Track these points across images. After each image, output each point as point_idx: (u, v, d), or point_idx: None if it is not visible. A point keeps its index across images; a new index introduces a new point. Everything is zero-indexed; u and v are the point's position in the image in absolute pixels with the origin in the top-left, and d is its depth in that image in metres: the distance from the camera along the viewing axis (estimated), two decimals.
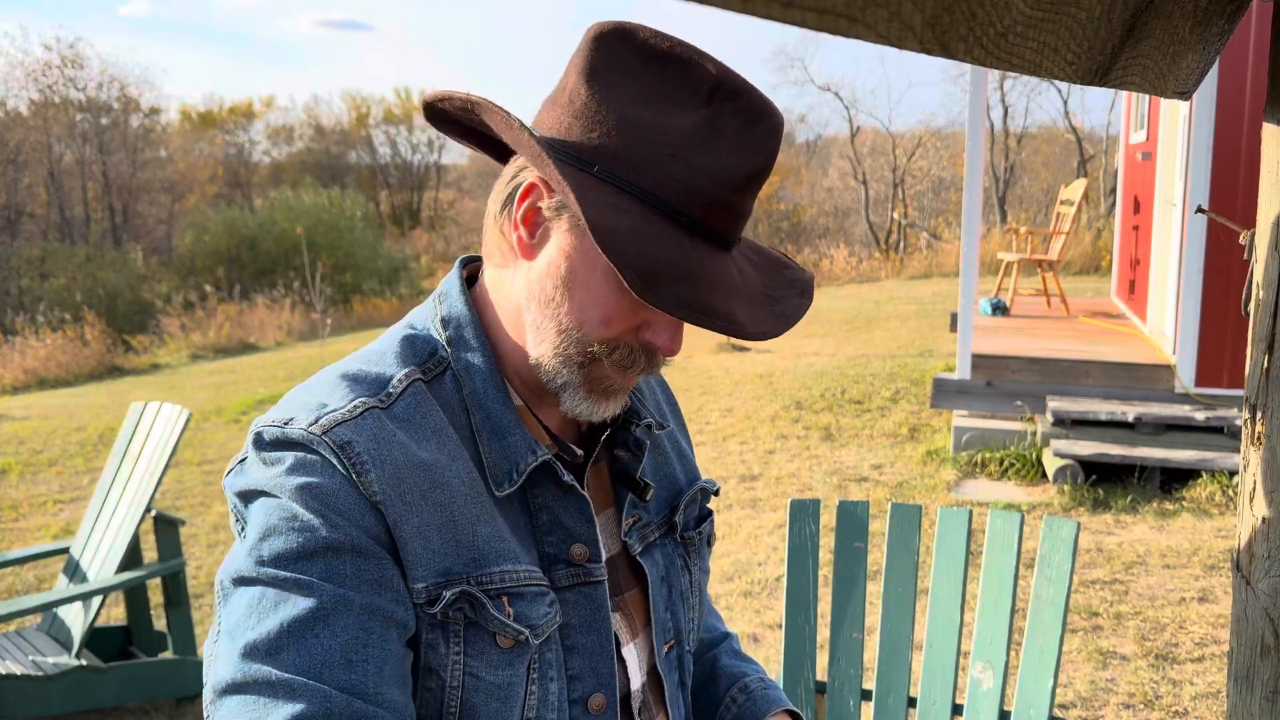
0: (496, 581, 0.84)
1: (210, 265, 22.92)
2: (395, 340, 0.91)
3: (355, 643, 0.77)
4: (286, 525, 0.79)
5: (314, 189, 26.90)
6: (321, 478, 0.79)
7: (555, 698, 0.89)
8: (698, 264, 0.80)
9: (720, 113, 0.81)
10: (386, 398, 0.85)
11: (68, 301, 18.05)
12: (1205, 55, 0.93)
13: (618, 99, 0.81)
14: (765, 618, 3.77)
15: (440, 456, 0.84)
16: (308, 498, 0.79)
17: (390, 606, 0.80)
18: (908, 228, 24.49)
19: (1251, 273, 1.00)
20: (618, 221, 0.77)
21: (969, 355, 5.83)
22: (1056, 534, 1.88)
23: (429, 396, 0.87)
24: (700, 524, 1.07)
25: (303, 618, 0.76)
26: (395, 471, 0.81)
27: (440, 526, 0.83)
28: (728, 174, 0.81)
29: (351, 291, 20.62)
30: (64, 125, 26.88)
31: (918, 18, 0.48)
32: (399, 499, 0.81)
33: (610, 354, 0.86)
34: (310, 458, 0.80)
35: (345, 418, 0.82)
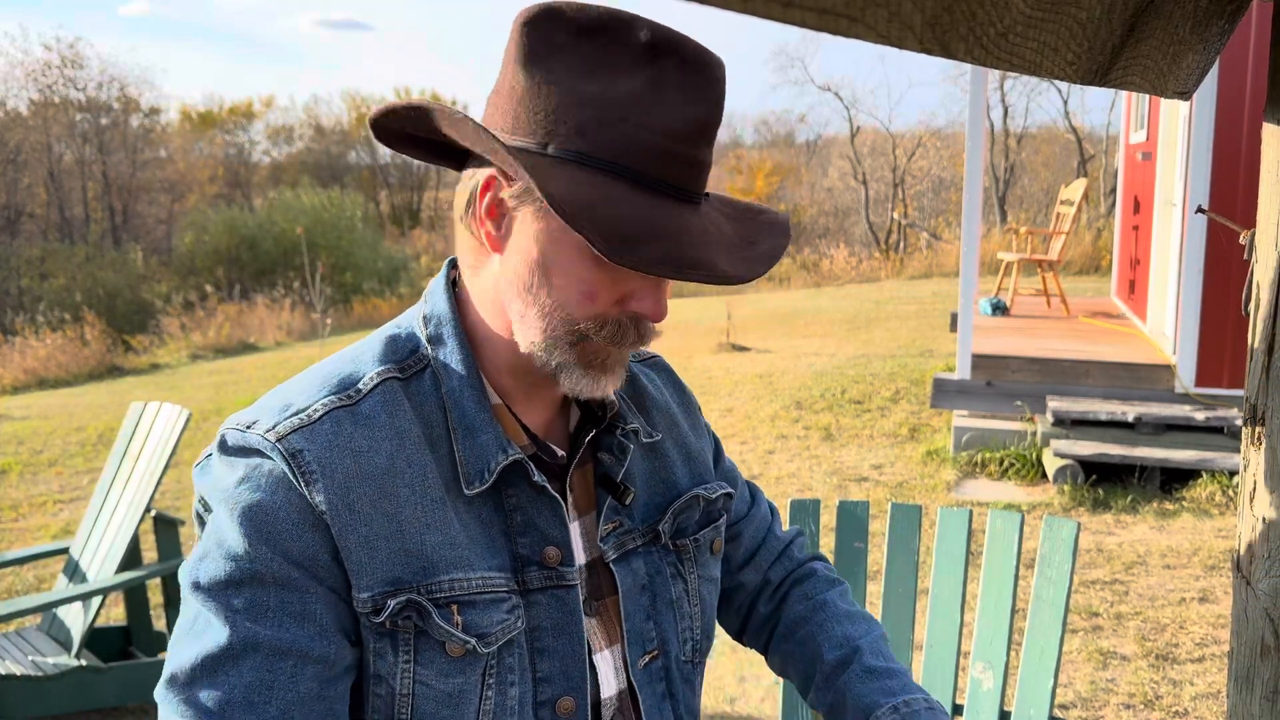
0: (445, 590, 0.84)
1: (210, 265, 22.91)
2: (379, 339, 0.92)
3: (260, 684, 0.79)
4: (220, 552, 0.81)
5: (313, 189, 26.90)
6: (266, 494, 0.81)
7: (516, 702, 0.88)
8: (667, 220, 0.80)
9: (662, 69, 0.81)
10: (354, 394, 0.86)
11: (67, 301, 18.05)
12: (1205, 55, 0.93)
13: (558, 77, 0.81)
14: None
15: (397, 461, 0.85)
16: (247, 522, 0.80)
17: (308, 644, 0.81)
18: (908, 228, 24.50)
19: (1252, 273, 1.00)
20: (579, 194, 0.77)
21: (969, 355, 5.83)
22: (1057, 534, 1.88)
23: (401, 395, 0.88)
24: (700, 530, 1.04)
25: (216, 654, 0.79)
26: (344, 482, 0.82)
27: (388, 536, 0.83)
28: (680, 127, 0.81)
29: (351, 291, 20.61)
30: (64, 125, 26.88)
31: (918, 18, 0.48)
32: (345, 510, 0.82)
33: (599, 330, 0.86)
34: (262, 467, 0.82)
35: (303, 423, 0.83)
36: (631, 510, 0.99)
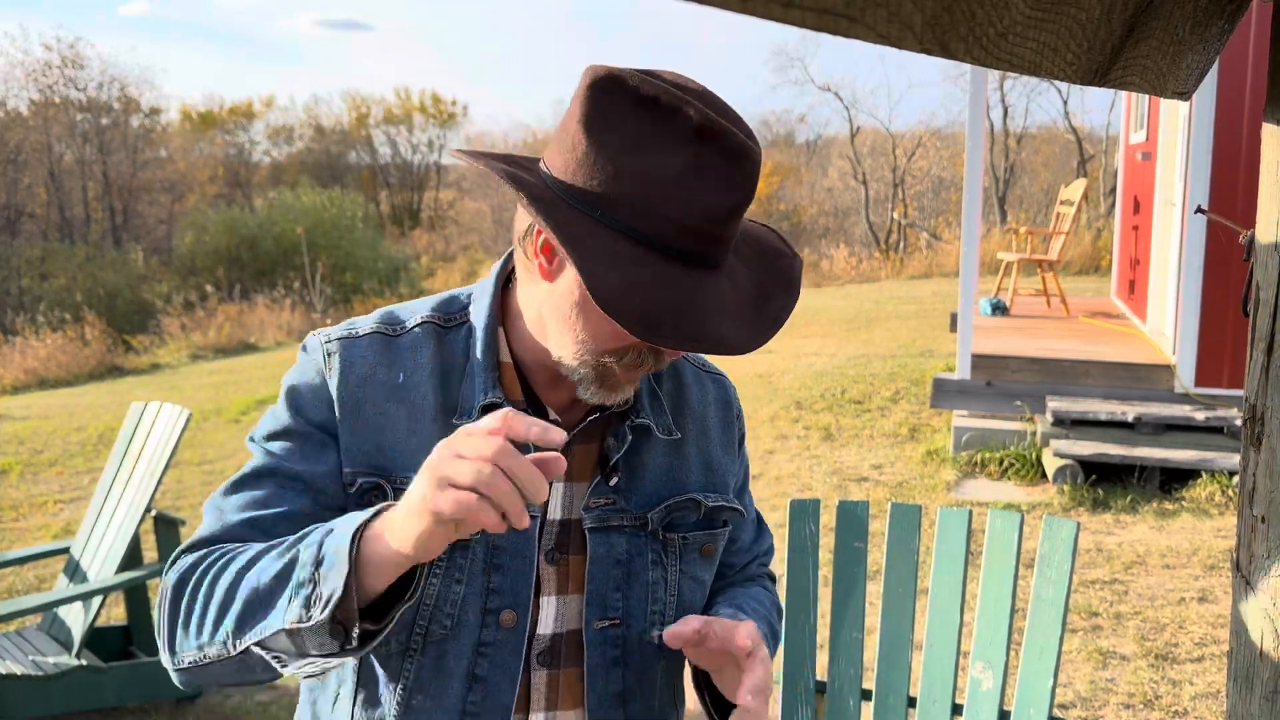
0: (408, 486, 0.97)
1: (210, 265, 22.91)
2: (445, 295, 1.14)
3: (271, 496, 1.04)
4: (270, 414, 1.09)
5: (314, 189, 26.90)
6: (301, 377, 1.07)
7: (459, 597, 1.03)
8: (691, 294, 0.92)
9: (704, 153, 0.90)
10: (397, 330, 1.09)
11: (68, 301, 18.05)
12: (1205, 55, 0.93)
13: (613, 147, 0.92)
14: None
15: (408, 382, 1.06)
16: (287, 393, 1.08)
17: (311, 476, 1.04)
18: (908, 228, 24.49)
19: (1251, 273, 1.00)
20: (613, 277, 0.89)
21: (969, 355, 5.83)
22: (1056, 534, 1.88)
23: (434, 338, 1.09)
24: (693, 530, 1.13)
25: (247, 474, 1.06)
26: (358, 383, 1.05)
27: (378, 431, 1.04)
28: (715, 209, 0.91)
29: (352, 291, 20.60)
30: (64, 125, 26.88)
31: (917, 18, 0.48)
32: (352, 403, 1.05)
33: (620, 359, 1.00)
34: (309, 360, 1.08)
35: (350, 335, 1.08)
36: (627, 495, 1.10)
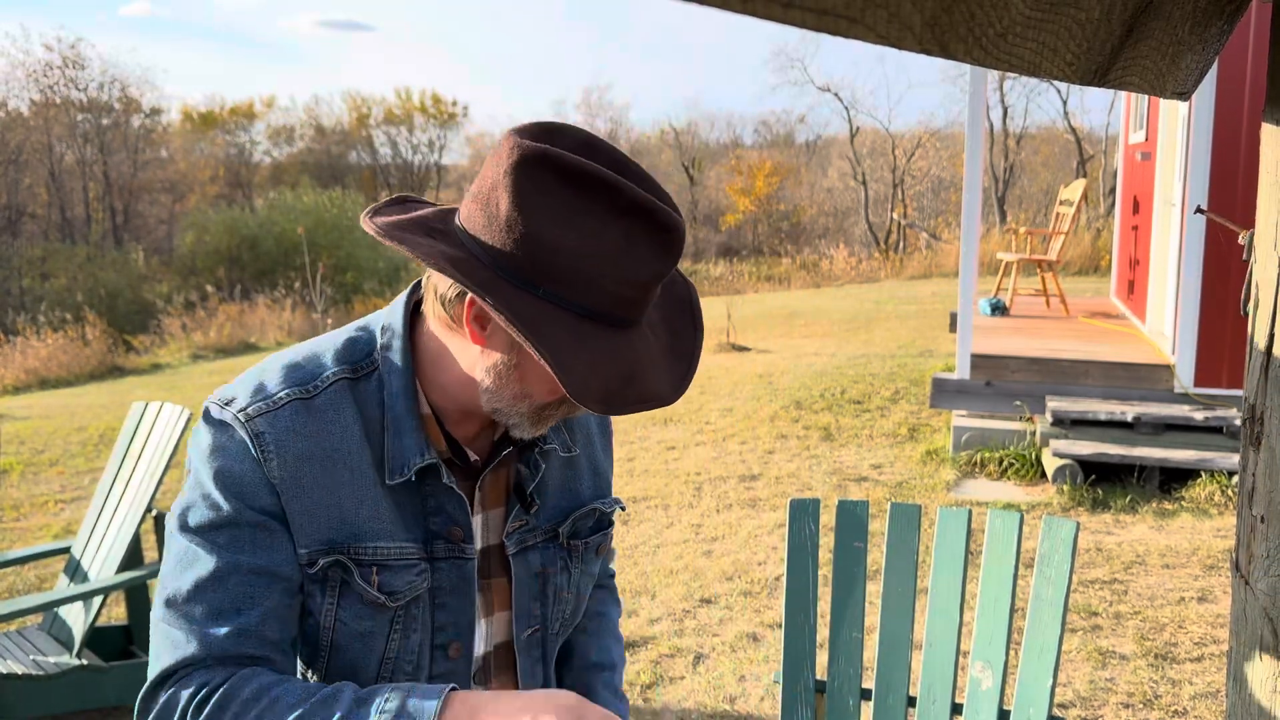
0: (369, 555, 1.06)
1: (211, 265, 22.91)
2: (344, 336, 1.10)
3: (244, 596, 1.01)
4: (204, 503, 1.03)
5: (314, 189, 26.90)
6: (234, 462, 1.02)
7: (415, 645, 1.10)
8: (632, 361, 0.98)
9: (633, 229, 0.94)
10: (311, 389, 1.05)
11: (69, 301, 18.05)
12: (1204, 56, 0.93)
13: (546, 223, 0.94)
14: (765, 617, 3.77)
15: (339, 447, 1.05)
16: (222, 482, 1.02)
17: (277, 566, 1.03)
18: (907, 228, 24.49)
19: (1251, 272, 1.00)
20: (576, 364, 0.93)
21: (968, 355, 5.83)
22: (1056, 534, 1.88)
23: (349, 393, 1.07)
24: (591, 534, 1.23)
25: (206, 577, 1.01)
26: (295, 461, 1.03)
27: (327, 506, 1.04)
28: (646, 279, 0.97)
29: (352, 291, 20.60)
30: (65, 125, 26.88)
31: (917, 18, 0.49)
32: (294, 483, 1.03)
33: (558, 407, 1.05)
34: (234, 439, 1.02)
35: (269, 408, 1.03)
36: (538, 514, 1.18)
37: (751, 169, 30.77)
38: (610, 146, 0.99)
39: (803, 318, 11.36)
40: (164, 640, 1.01)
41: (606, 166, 0.96)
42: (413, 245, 0.97)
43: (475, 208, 0.98)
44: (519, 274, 0.95)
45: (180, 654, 1.00)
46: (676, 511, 4.98)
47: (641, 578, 4.17)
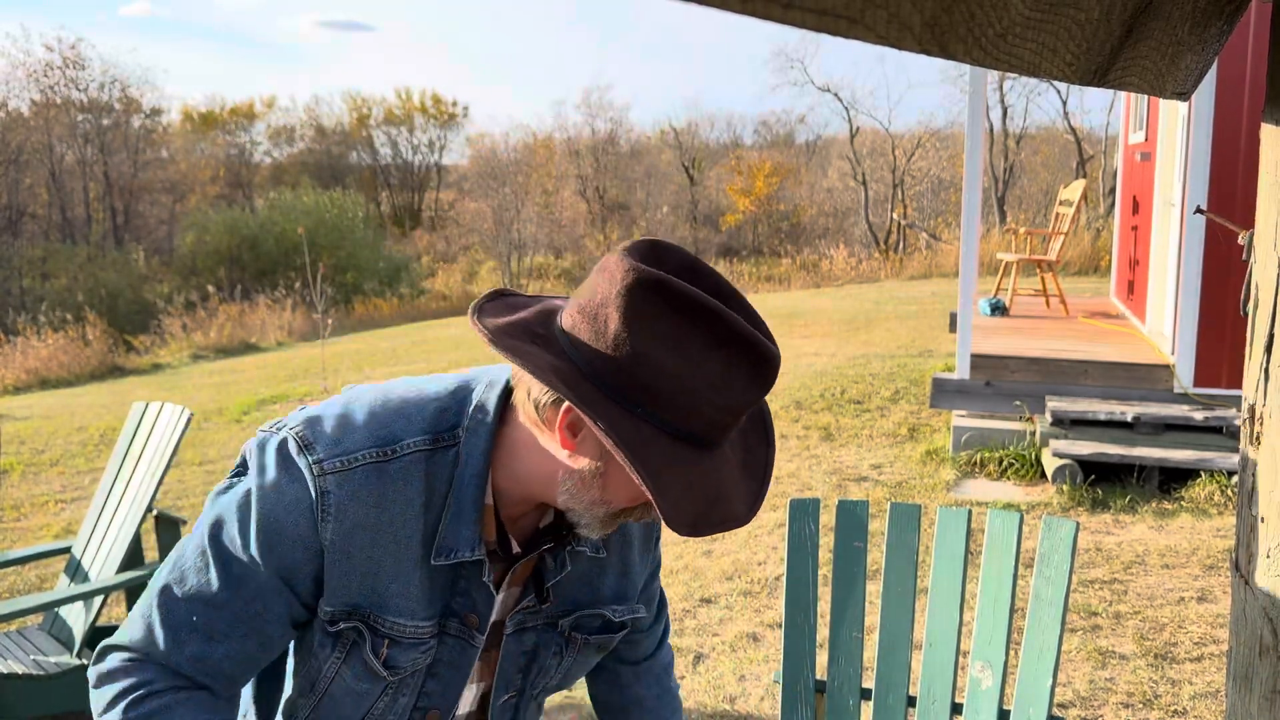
0: (386, 628, 1.10)
1: (211, 265, 22.92)
2: (434, 404, 1.11)
3: (225, 629, 1.06)
4: (239, 528, 1.06)
5: (314, 189, 26.90)
6: (286, 513, 1.05)
7: (401, 707, 1.17)
8: (719, 482, 1.02)
9: (733, 358, 0.99)
10: (388, 454, 1.07)
11: (69, 301, 18.06)
12: (1204, 56, 0.93)
13: (652, 345, 0.98)
14: (765, 617, 3.77)
15: (395, 520, 1.07)
16: (264, 525, 1.05)
17: (266, 624, 1.08)
18: (907, 228, 24.49)
19: (1250, 273, 1.00)
20: (673, 489, 0.97)
21: (968, 355, 5.83)
22: (1056, 534, 1.88)
23: (422, 466, 1.08)
24: (596, 634, 1.26)
25: (206, 595, 1.06)
26: (350, 528, 1.06)
27: (363, 574, 1.08)
28: (738, 406, 1.01)
29: (353, 292, 20.62)
30: (65, 126, 26.88)
31: (916, 19, 0.49)
32: (341, 548, 1.06)
33: (633, 514, 1.09)
34: (297, 490, 1.05)
35: (344, 467, 1.06)
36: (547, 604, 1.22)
37: (751, 169, 30.76)
38: (710, 270, 1.03)
39: (802, 318, 11.36)
40: (143, 617, 1.08)
41: (709, 291, 1.01)
42: (523, 356, 1.00)
43: (581, 319, 1.01)
44: (620, 391, 0.99)
45: (146, 641, 1.07)
46: None
47: None
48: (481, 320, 1.04)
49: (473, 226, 29.93)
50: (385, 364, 10.07)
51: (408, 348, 11.34)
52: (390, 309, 18.50)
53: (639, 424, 0.98)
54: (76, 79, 27.14)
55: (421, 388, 1.13)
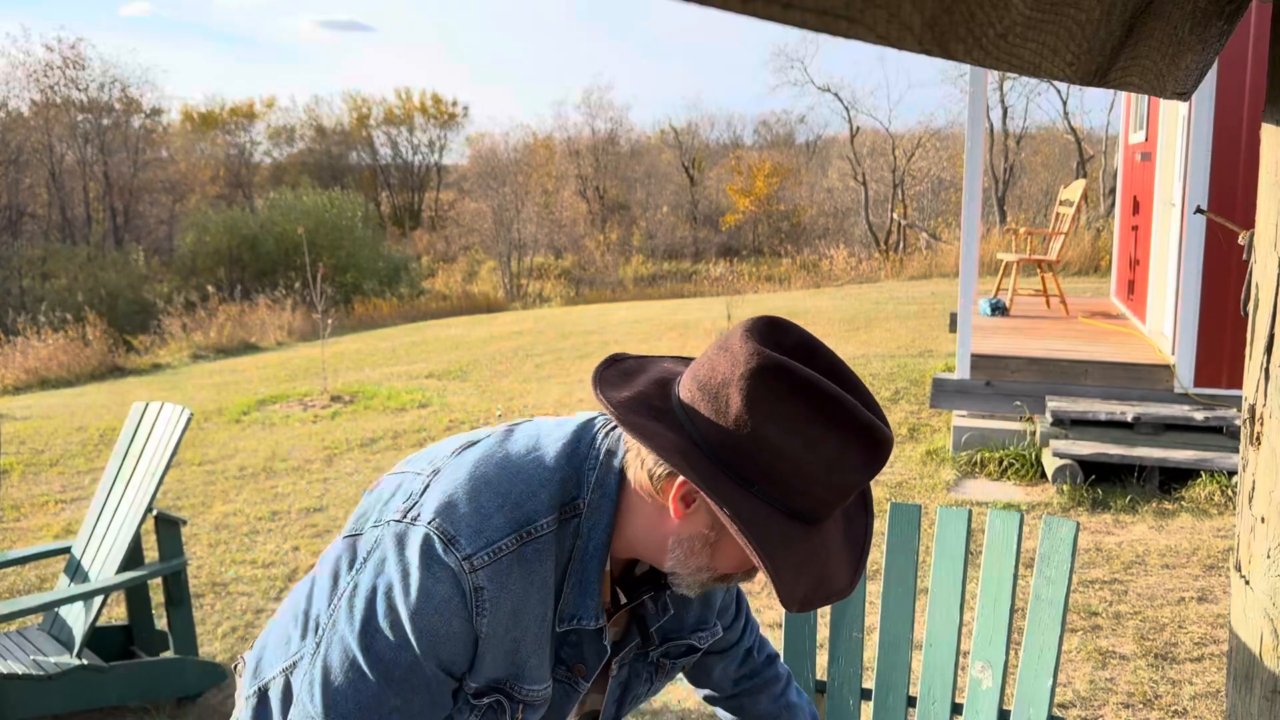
0: (522, 695, 1.16)
1: (211, 265, 22.92)
2: (558, 473, 1.14)
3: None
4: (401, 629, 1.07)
5: (314, 189, 26.89)
6: (444, 618, 1.07)
7: None
8: (826, 560, 1.07)
9: (849, 444, 1.03)
10: (525, 536, 1.10)
11: (69, 301, 18.06)
12: (1204, 56, 0.93)
13: (772, 428, 1.02)
14: (765, 617, 3.77)
15: (533, 597, 1.11)
16: (428, 624, 1.07)
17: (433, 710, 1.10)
18: (907, 228, 24.48)
19: (1251, 273, 1.00)
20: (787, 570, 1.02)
21: (968, 355, 5.83)
22: (1056, 534, 1.88)
23: (554, 543, 1.12)
24: (681, 657, 1.34)
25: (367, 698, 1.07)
26: (501, 617, 1.09)
27: (507, 652, 1.12)
28: (850, 487, 1.06)
29: (352, 292, 20.62)
30: (65, 126, 26.87)
31: (916, 19, 0.49)
32: (494, 636, 1.10)
33: (733, 577, 1.15)
34: (451, 589, 1.06)
35: (491, 559, 1.07)
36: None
37: (751, 169, 30.76)
38: (826, 348, 1.08)
39: (802, 318, 11.36)
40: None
41: (824, 372, 1.06)
42: (649, 437, 1.04)
43: (701, 396, 1.06)
44: (738, 470, 1.03)
45: None
46: None
47: None
48: (605, 394, 1.09)
49: (473, 226, 29.93)
50: (385, 364, 10.07)
51: (408, 348, 11.34)
52: (390, 309, 18.50)
53: (755, 502, 1.03)
54: (77, 79, 27.14)
55: (539, 454, 1.15)
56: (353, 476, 5.74)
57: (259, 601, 4.04)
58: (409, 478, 1.19)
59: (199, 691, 3.26)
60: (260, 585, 4.19)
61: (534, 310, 17.03)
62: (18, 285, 21.91)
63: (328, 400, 7.85)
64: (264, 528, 4.92)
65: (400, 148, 37.67)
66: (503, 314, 16.21)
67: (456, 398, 7.78)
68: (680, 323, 11.32)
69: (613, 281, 25.25)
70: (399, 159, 37.69)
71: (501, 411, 7.14)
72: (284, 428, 7.09)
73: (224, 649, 3.63)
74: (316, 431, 6.87)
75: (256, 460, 6.19)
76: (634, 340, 10.22)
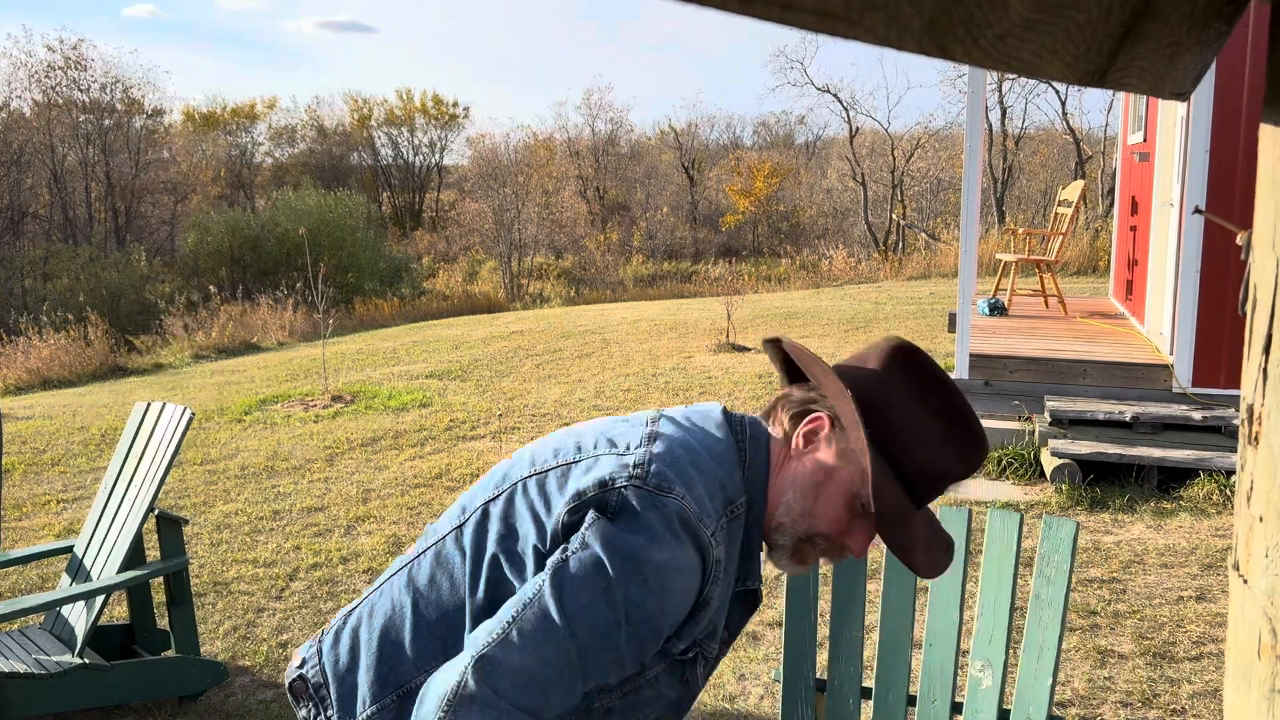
0: (709, 652, 1.31)
1: (213, 266, 22.92)
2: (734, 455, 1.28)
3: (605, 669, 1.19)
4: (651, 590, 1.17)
5: (316, 190, 26.90)
6: (695, 582, 1.20)
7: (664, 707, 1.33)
8: (923, 530, 1.24)
9: (954, 431, 1.22)
10: (732, 514, 1.25)
11: (71, 302, 18.05)
12: (1202, 57, 0.94)
13: (895, 386, 1.23)
14: (766, 615, 3.77)
15: (731, 566, 1.27)
16: (681, 591, 1.19)
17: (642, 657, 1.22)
18: (906, 228, 24.49)
19: (1249, 273, 1.00)
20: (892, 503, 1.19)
21: (967, 355, 5.83)
22: (1056, 533, 1.88)
23: (744, 518, 1.27)
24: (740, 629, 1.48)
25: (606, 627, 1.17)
26: (722, 584, 1.25)
27: (713, 613, 1.27)
28: (950, 473, 1.23)
29: (354, 292, 20.61)
30: (67, 126, 26.87)
31: (915, 20, 0.49)
32: (715, 599, 1.25)
33: (822, 541, 1.27)
34: (697, 561, 1.19)
35: (719, 529, 1.22)
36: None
37: (751, 169, 30.76)
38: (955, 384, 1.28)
39: (802, 318, 11.36)
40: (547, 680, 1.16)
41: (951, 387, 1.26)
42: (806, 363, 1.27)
43: (845, 364, 1.27)
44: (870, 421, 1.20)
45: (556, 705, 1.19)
46: None
47: None
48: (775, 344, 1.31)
49: (473, 227, 29.93)
50: (386, 364, 10.07)
51: (408, 348, 11.34)
52: (391, 309, 18.49)
53: (883, 463, 1.20)
54: (78, 80, 27.13)
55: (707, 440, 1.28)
56: (354, 476, 5.75)
57: (260, 601, 4.04)
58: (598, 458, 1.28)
59: (200, 691, 3.27)
60: (262, 584, 4.20)
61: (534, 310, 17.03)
62: (20, 285, 21.93)
63: (329, 400, 7.85)
64: (265, 527, 4.93)
65: (401, 148, 37.71)
66: (503, 314, 16.21)
67: (457, 397, 7.78)
68: (680, 323, 11.33)
69: (613, 282, 25.26)
70: (400, 159, 37.71)
71: (502, 413, 7.14)
72: (285, 427, 7.09)
73: (225, 648, 3.63)
74: (318, 431, 6.88)
75: (258, 460, 6.20)
76: (634, 340, 10.22)
